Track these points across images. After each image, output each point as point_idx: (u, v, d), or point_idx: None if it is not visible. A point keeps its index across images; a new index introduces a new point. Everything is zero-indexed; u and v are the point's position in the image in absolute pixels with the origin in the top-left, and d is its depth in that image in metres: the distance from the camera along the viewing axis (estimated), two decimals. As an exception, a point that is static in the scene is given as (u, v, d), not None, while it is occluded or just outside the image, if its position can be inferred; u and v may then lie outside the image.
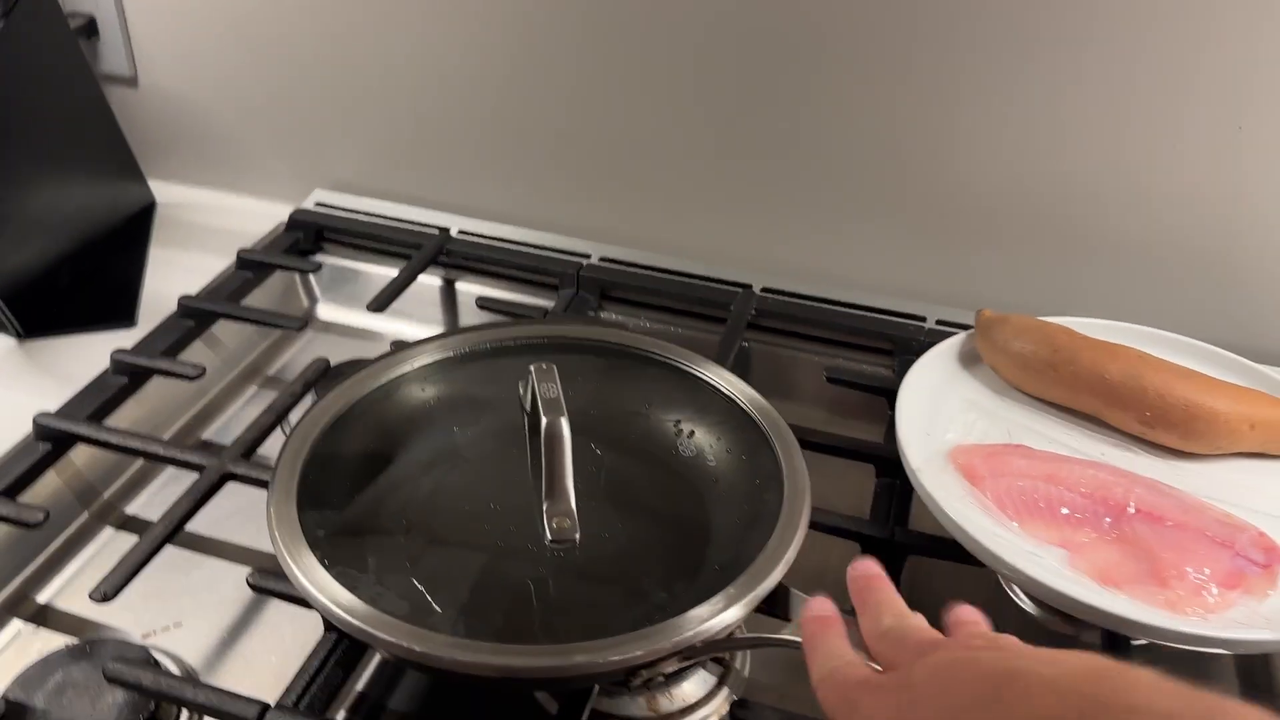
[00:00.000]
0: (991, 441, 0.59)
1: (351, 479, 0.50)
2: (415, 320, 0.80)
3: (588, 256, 0.78)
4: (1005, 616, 0.50)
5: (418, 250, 0.77)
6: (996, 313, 0.64)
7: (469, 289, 0.79)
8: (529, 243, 0.80)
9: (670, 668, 0.46)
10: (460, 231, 0.81)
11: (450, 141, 0.82)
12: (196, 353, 0.72)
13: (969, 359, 0.65)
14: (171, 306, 0.72)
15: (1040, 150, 0.69)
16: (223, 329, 0.74)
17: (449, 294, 0.80)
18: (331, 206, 0.84)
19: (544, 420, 0.47)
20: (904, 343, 0.70)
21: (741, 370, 0.76)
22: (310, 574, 0.44)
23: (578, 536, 0.46)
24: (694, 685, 0.54)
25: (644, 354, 0.57)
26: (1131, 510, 0.53)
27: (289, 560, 0.44)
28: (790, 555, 0.46)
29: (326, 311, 0.81)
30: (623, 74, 0.74)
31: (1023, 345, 0.61)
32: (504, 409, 0.53)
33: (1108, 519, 0.53)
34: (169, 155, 0.90)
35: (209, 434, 0.70)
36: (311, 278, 0.81)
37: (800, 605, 0.46)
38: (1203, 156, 0.66)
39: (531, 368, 0.50)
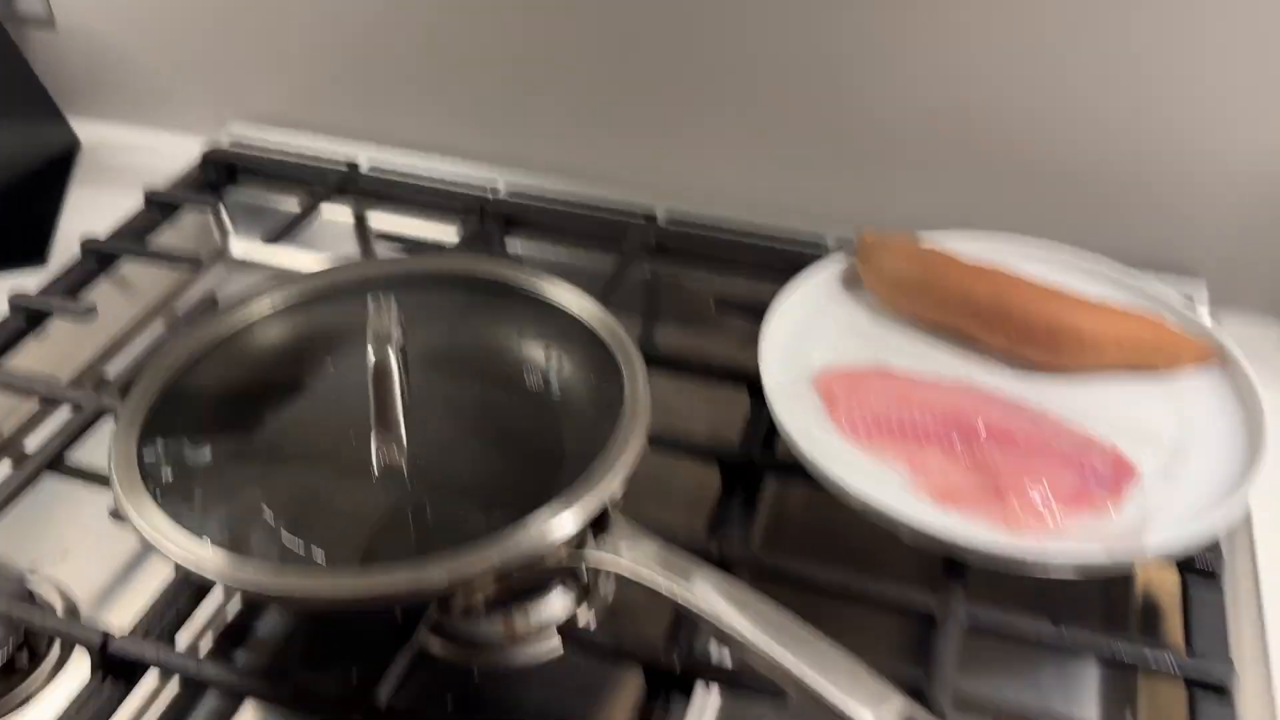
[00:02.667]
0: (859, 364, 0.59)
1: (201, 415, 0.51)
2: (327, 254, 0.80)
3: (496, 189, 0.78)
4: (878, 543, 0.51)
5: (323, 184, 0.77)
6: (877, 235, 0.63)
7: (379, 222, 0.80)
8: (441, 173, 0.79)
9: (500, 588, 0.48)
10: (371, 165, 0.81)
11: (365, 70, 0.81)
12: (103, 291, 0.73)
13: (852, 282, 0.65)
14: (88, 245, 0.73)
15: (940, 72, 0.67)
16: (131, 268, 0.75)
17: (360, 227, 0.80)
18: (246, 142, 0.84)
19: (372, 353, 0.47)
20: (802, 266, 0.69)
21: (650, 301, 0.76)
22: (140, 507, 0.45)
23: (404, 465, 0.47)
24: (551, 608, 0.55)
25: (502, 283, 0.57)
26: (982, 430, 0.53)
27: (121, 493, 0.46)
28: (615, 477, 0.46)
29: (239, 247, 0.82)
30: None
31: (897, 267, 0.61)
32: (358, 345, 0.54)
33: (958, 439, 0.53)
34: (91, 95, 0.90)
35: (114, 371, 0.71)
36: (224, 213, 0.82)
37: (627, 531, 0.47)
38: (1092, 80, 0.64)
39: (370, 302, 0.50)
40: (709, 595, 0.41)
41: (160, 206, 0.77)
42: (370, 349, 0.47)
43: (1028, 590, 0.55)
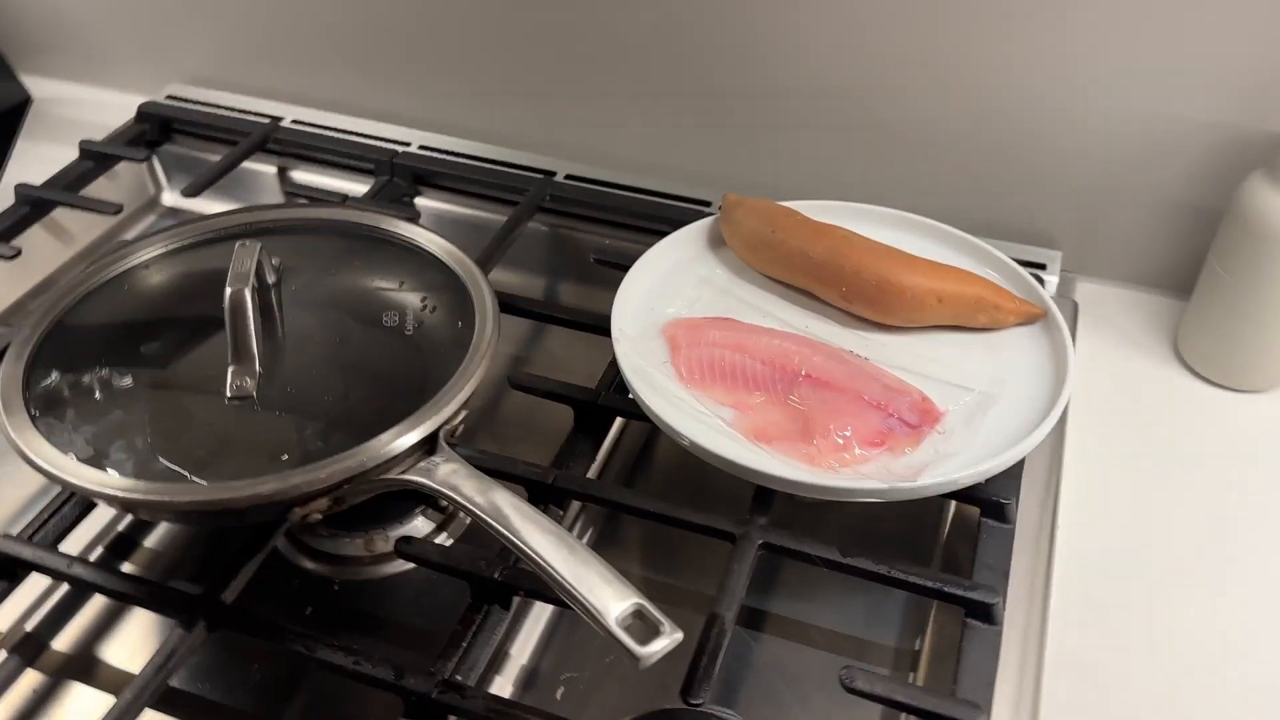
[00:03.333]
0: (708, 315, 0.63)
1: (85, 346, 0.56)
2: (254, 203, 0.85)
3: (408, 145, 0.83)
4: (708, 475, 0.56)
5: (247, 139, 0.82)
6: (738, 197, 0.67)
7: (298, 176, 0.84)
8: (358, 131, 0.84)
9: (352, 503, 0.52)
10: (294, 120, 0.86)
11: (292, 36, 0.85)
12: (36, 236, 0.78)
13: (716, 240, 0.69)
14: (25, 195, 0.78)
15: (816, 48, 0.70)
16: (66, 215, 0.80)
17: (284, 180, 0.85)
18: (182, 99, 0.89)
19: (228, 290, 0.52)
20: (684, 224, 0.74)
21: (549, 255, 0.81)
22: (17, 425, 0.50)
23: (255, 393, 0.52)
24: (412, 528, 0.60)
25: (376, 231, 0.62)
26: (803, 377, 0.58)
27: (3, 418, 0.51)
28: (442, 409, 0.50)
29: (169, 197, 0.87)
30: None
31: (750, 226, 0.65)
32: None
33: (781, 385, 0.58)
34: (42, 52, 0.95)
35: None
36: (158, 167, 0.87)
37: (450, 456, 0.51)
38: (956, 51, 0.68)
39: (237, 245, 0.55)
40: (500, 512, 0.45)
41: (94, 158, 0.82)
42: (228, 288, 0.52)
43: (856, 527, 0.60)
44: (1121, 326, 0.69)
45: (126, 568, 0.59)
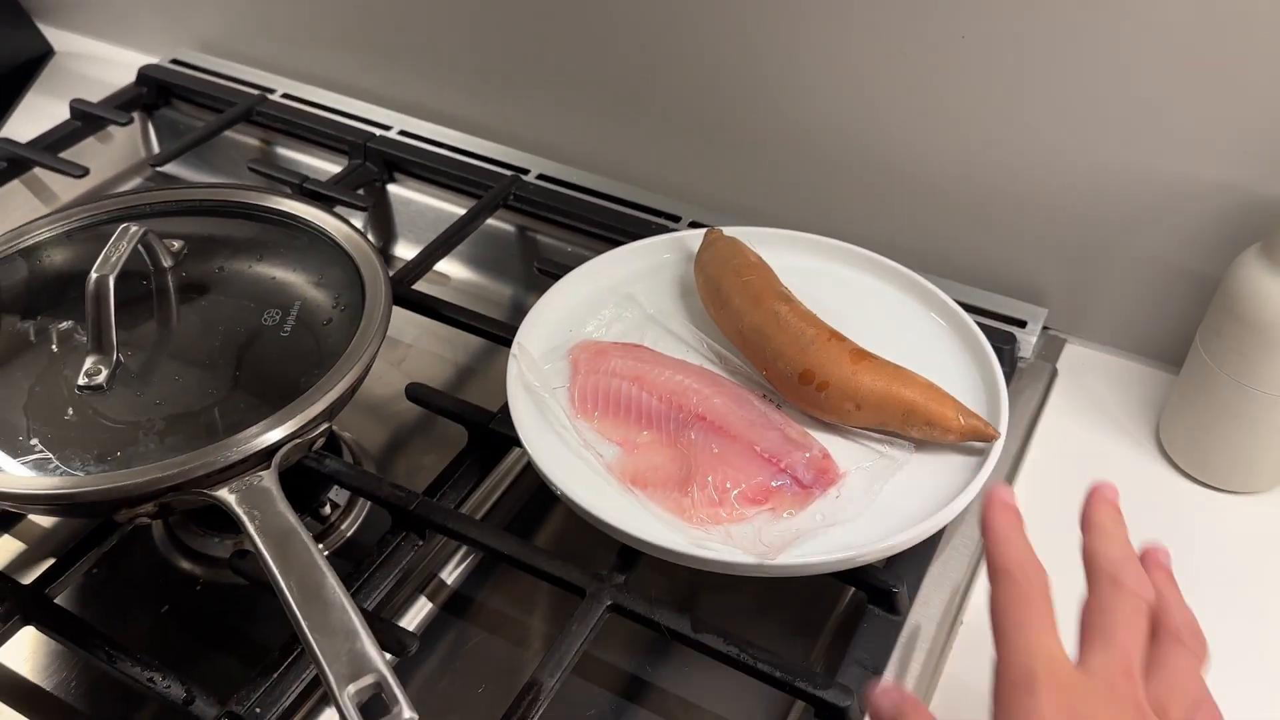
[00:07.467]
0: (621, 341, 0.59)
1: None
2: (232, 178, 0.84)
3: (389, 128, 0.80)
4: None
5: (232, 109, 0.81)
6: (723, 233, 0.61)
7: (279, 151, 0.83)
8: (346, 111, 0.82)
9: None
10: (285, 95, 0.84)
11: (296, 10, 0.84)
12: (16, 194, 0.79)
13: (673, 263, 0.64)
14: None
15: (820, 74, 0.65)
16: (49, 175, 0.80)
17: (267, 154, 0.84)
18: (185, 65, 0.88)
19: (92, 276, 0.50)
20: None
21: (515, 257, 0.77)
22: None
23: (105, 384, 0.50)
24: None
25: (285, 219, 0.60)
26: (697, 417, 0.53)
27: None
28: (271, 431, 0.47)
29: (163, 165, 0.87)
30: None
31: (711, 268, 0.59)
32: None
33: (673, 424, 0.53)
34: (65, 5, 0.96)
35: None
36: (151, 131, 0.87)
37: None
38: (952, 94, 0.61)
39: (119, 228, 0.53)
40: (278, 544, 0.42)
41: (83, 118, 0.82)
42: (93, 273, 0.50)
43: (757, 592, 0.54)
44: (1101, 398, 0.62)
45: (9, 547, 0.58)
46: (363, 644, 0.38)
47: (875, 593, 0.49)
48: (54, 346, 0.53)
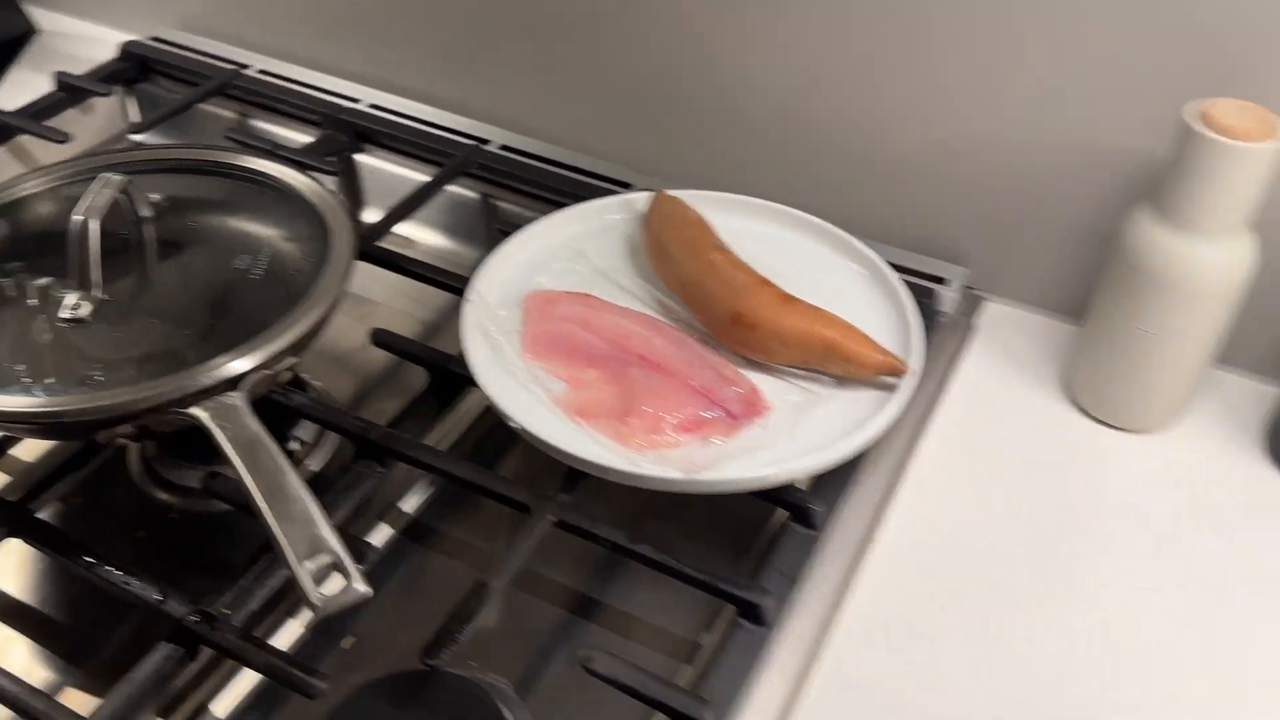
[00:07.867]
0: (571, 290, 0.63)
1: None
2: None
3: (357, 101, 0.85)
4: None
5: (207, 81, 0.85)
6: (668, 193, 0.66)
7: (253, 123, 0.87)
8: (317, 85, 0.86)
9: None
10: (260, 70, 0.88)
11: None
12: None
13: (614, 222, 0.68)
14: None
15: (754, 57, 0.70)
16: (33, 143, 0.84)
17: (243, 125, 0.88)
18: (165, 42, 0.92)
19: (74, 217, 0.54)
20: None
21: (479, 223, 0.81)
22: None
23: (88, 318, 0.54)
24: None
25: (251, 174, 0.64)
26: (637, 357, 0.57)
27: None
28: (244, 358, 0.51)
29: (138, 134, 0.90)
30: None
31: (655, 224, 0.64)
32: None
33: (616, 363, 0.58)
34: (50, -14, 1.00)
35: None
36: (133, 103, 0.91)
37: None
38: (877, 58, 0.66)
39: (98, 177, 0.57)
40: (246, 450, 0.47)
41: (68, 89, 0.86)
42: (74, 215, 0.54)
43: (690, 518, 0.59)
44: (1016, 350, 0.67)
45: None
46: (321, 529, 0.42)
47: (796, 510, 0.53)
48: (33, 297, 0.56)
